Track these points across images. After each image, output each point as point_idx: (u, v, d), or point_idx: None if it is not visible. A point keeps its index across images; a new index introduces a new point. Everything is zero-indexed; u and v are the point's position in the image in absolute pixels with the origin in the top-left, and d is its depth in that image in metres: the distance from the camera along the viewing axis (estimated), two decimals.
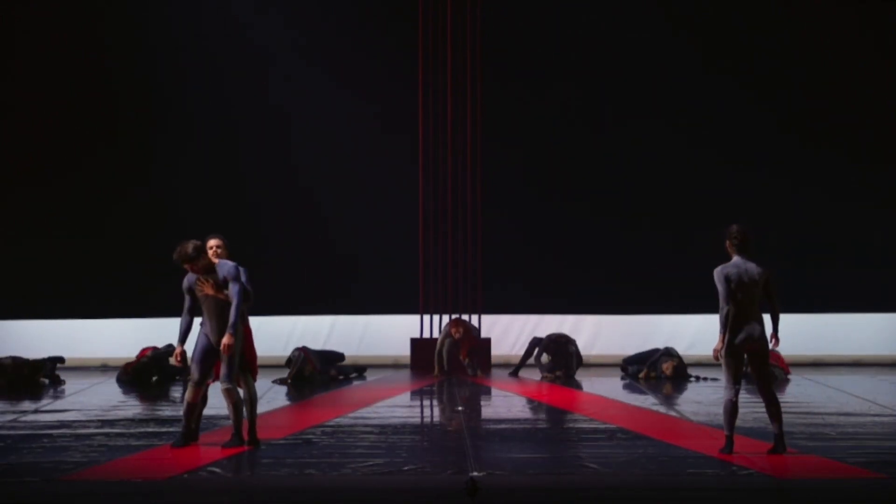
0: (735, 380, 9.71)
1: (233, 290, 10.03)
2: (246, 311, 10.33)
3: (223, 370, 10.07)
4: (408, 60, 17.42)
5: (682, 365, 15.74)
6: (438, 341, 16.24)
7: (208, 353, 10.18)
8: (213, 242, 10.53)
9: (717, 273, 9.70)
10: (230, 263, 10.19)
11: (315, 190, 17.45)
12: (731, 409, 9.72)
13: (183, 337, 10.30)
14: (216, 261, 10.26)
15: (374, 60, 17.45)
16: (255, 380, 10.51)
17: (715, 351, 9.75)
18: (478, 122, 17.41)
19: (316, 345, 16.53)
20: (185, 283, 10.23)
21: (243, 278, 10.18)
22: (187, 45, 17.47)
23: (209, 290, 10.07)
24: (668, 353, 15.88)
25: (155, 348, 15.93)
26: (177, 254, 10.01)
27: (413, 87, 17.42)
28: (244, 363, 10.32)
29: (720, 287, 9.67)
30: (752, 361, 9.79)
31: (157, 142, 17.57)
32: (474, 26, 17.41)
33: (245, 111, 17.51)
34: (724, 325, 9.65)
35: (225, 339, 9.99)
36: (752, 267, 9.71)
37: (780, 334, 9.90)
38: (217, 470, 9.26)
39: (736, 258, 9.78)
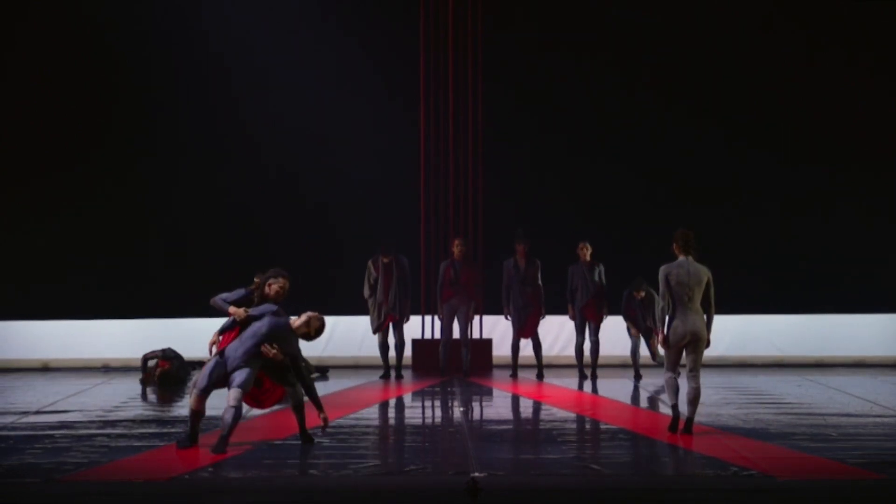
0: (673, 368, 10.72)
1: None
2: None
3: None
4: (408, 58, 17.42)
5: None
6: (440, 273, 16.03)
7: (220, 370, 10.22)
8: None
9: (661, 272, 10.57)
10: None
11: (316, 191, 17.45)
12: (673, 383, 10.75)
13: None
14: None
15: (374, 59, 17.47)
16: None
17: (660, 342, 10.69)
18: (479, 121, 17.40)
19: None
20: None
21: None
22: (184, 40, 17.50)
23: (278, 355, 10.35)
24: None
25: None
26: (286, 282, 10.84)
27: (414, 89, 17.42)
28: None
29: (661, 285, 10.55)
30: (687, 352, 10.63)
31: (157, 141, 17.58)
32: (476, 30, 17.41)
33: (244, 111, 17.49)
34: (662, 320, 10.55)
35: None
36: (696, 268, 10.58)
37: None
38: (218, 470, 9.27)
39: (681, 258, 10.62)
